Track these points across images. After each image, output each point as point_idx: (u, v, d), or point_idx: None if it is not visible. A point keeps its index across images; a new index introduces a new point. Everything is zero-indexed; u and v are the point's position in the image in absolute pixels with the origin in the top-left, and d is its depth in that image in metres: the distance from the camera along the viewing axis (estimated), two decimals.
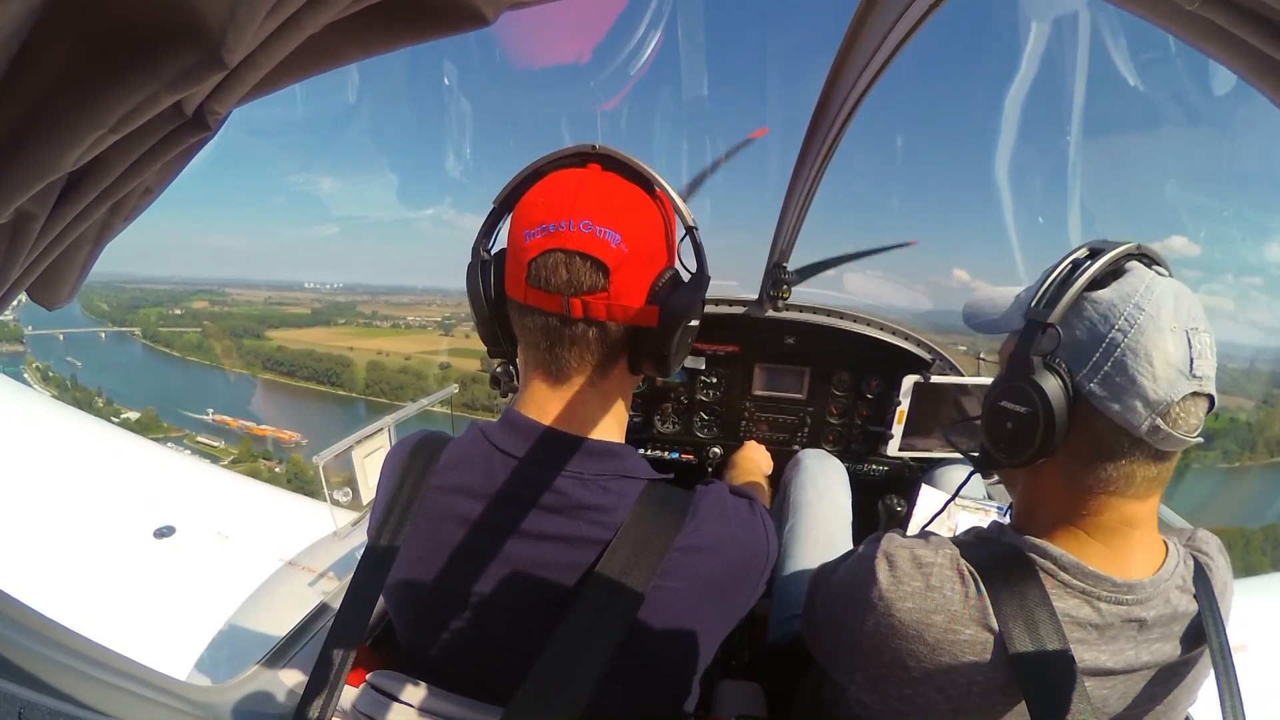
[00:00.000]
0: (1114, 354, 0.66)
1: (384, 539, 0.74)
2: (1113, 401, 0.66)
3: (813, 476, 1.65)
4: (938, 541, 0.76)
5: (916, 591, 0.71)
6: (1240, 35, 0.41)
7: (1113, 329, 0.67)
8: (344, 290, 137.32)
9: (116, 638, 0.70)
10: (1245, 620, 1.76)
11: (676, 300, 0.75)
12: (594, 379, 0.77)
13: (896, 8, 0.74)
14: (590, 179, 0.75)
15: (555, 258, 0.71)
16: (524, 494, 0.73)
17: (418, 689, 0.71)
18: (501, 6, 0.47)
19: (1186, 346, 0.65)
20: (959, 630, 0.69)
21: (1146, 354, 0.65)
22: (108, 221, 0.46)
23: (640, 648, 0.70)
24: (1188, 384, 0.64)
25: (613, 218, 0.72)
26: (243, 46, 0.36)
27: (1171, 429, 0.65)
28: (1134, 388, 0.65)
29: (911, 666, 0.71)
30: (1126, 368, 0.65)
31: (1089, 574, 0.68)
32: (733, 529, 0.77)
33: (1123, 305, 0.67)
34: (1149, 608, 0.68)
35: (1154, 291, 0.67)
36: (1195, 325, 0.66)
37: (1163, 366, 0.64)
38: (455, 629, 0.75)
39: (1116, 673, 0.69)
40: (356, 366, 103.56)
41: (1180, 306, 0.67)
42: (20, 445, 2.36)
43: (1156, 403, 0.64)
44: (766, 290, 1.91)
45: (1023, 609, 0.67)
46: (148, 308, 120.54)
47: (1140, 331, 0.66)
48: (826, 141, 1.19)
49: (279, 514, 2.21)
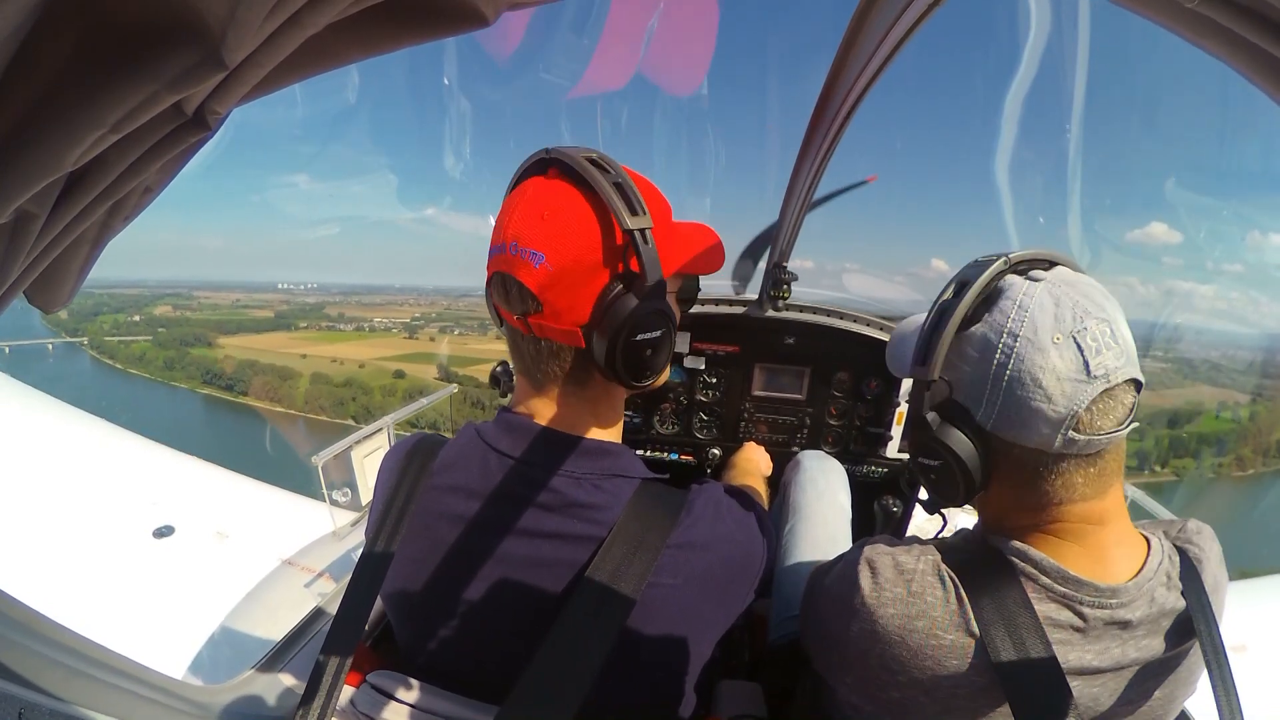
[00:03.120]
0: (1001, 388, 0.66)
1: (381, 540, 0.74)
2: (1014, 431, 0.66)
3: (812, 478, 1.65)
4: (920, 547, 0.76)
5: (899, 598, 0.71)
6: (1240, 33, 0.41)
7: (994, 364, 0.66)
8: (316, 291, 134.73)
9: (116, 638, 0.70)
10: (1245, 620, 1.76)
11: (615, 314, 0.70)
12: (573, 387, 0.78)
13: (896, 7, 0.74)
14: (536, 192, 0.72)
15: (497, 280, 0.74)
16: (519, 492, 0.74)
17: (416, 688, 0.71)
18: (501, 6, 0.47)
19: (1076, 352, 0.63)
20: (940, 636, 0.69)
21: (1034, 379, 0.64)
22: (107, 221, 0.46)
23: (636, 645, 0.70)
24: (1090, 387, 0.63)
25: (536, 236, 0.69)
26: (243, 46, 0.36)
27: (1089, 433, 0.64)
28: (1032, 414, 0.64)
29: (896, 671, 0.71)
30: (1017, 398, 0.65)
31: (1070, 579, 0.68)
32: (727, 526, 0.77)
33: (996, 337, 0.67)
34: (1133, 609, 0.68)
35: (1027, 310, 0.66)
36: (1082, 324, 0.64)
37: (1054, 384, 0.63)
38: (452, 627, 0.75)
39: (1105, 671, 0.69)
40: (301, 378, 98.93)
41: (1061, 311, 0.65)
42: (20, 444, 2.36)
43: (1060, 419, 0.63)
44: (766, 290, 1.91)
45: (1003, 613, 0.67)
46: (106, 314, 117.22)
47: (1020, 359, 0.65)
48: (826, 141, 1.19)
49: (279, 514, 2.21)
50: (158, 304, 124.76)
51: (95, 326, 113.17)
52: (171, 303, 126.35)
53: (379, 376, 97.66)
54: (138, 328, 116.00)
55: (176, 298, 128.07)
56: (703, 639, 0.77)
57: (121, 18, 0.33)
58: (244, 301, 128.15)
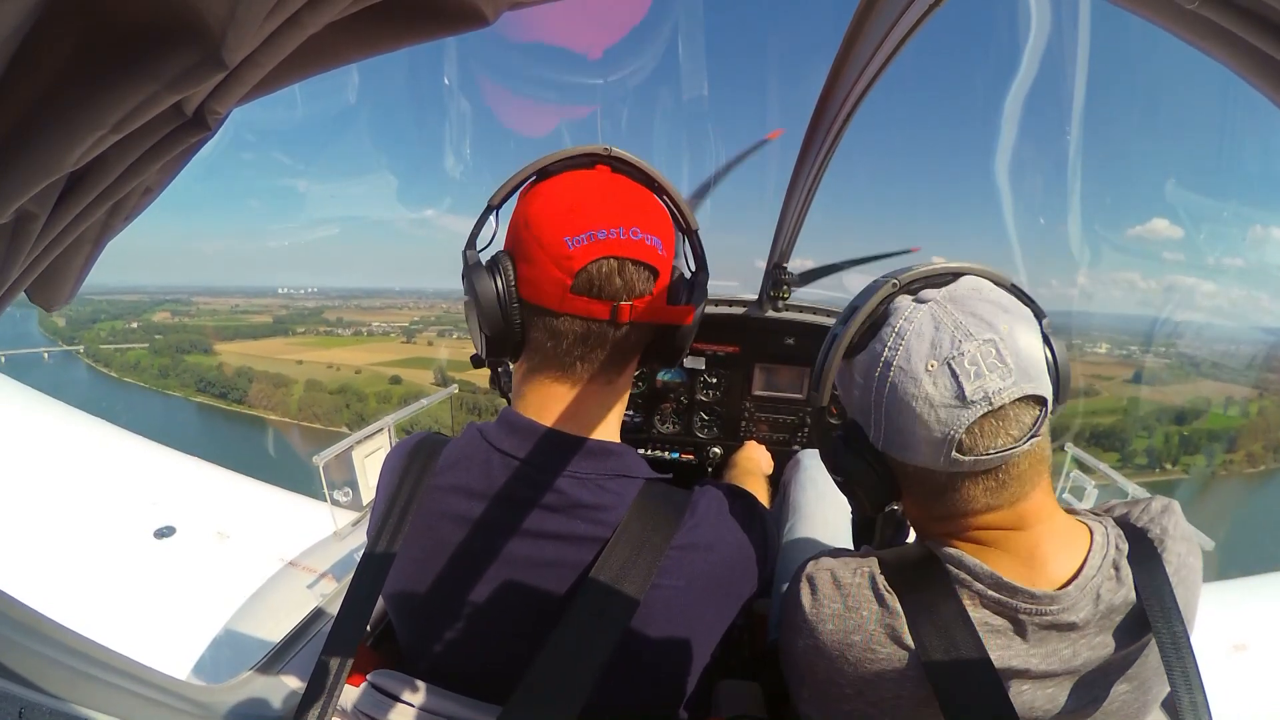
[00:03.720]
0: (883, 413, 0.68)
1: (383, 540, 0.74)
2: (901, 453, 0.68)
3: (812, 477, 1.65)
4: (859, 560, 0.75)
5: (836, 614, 0.71)
6: (1240, 35, 0.41)
7: (873, 392, 0.69)
8: (316, 295, 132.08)
9: (117, 638, 0.70)
10: (1245, 620, 1.76)
11: (696, 298, 0.79)
12: (610, 377, 0.78)
13: (896, 8, 0.74)
14: (613, 184, 0.76)
15: (608, 265, 0.71)
16: (522, 493, 0.73)
17: (418, 688, 0.71)
18: (501, 6, 0.47)
19: (950, 379, 0.63)
20: (876, 650, 0.69)
21: (908, 406, 0.65)
22: (108, 221, 0.46)
23: (639, 645, 0.70)
24: (967, 411, 0.63)
25: (653, 224, 0.75)
26: (243, 46, 0.36)
27: (974, 454, 0.64)
28: (913, 438, 0.66)
29: (843, 684, 0.71)
30: (897, 424, 0.67)
31: (1004, 585, 0.66)
32: (730, 526, 0.77)
33: (874, 366, 0.69)
34: (1075, 612, 0.65)
35: (905, 337, 0.67)
36: (958, 350, 0.64)
37: (928, 411, 0.64)
38: (455, 628, 0.75)
39: (1055, 674, 0.67)
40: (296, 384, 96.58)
41: (940, 336, 0.65)
42: (21, 445, 2.36)
43: (940, 441, 0.64)
44: (766, 290, 1.91)
45: (938, 624, 0.66)
46: (104, 321, 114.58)
47: (895, 388, 0.66)
48: (826, 142, 1.19)
49: (279, 514, 2.21)
50: (156, 310, 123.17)
51: (92, 334, 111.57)
52: (170, 309, 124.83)
53: (375, 382, 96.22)
54: (134, 335, 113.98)
55: (176, 304, 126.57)
56: (704, 639, 0.77)
57: (121, 18, 0.33)
58: (243, 307, 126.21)
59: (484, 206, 0.81)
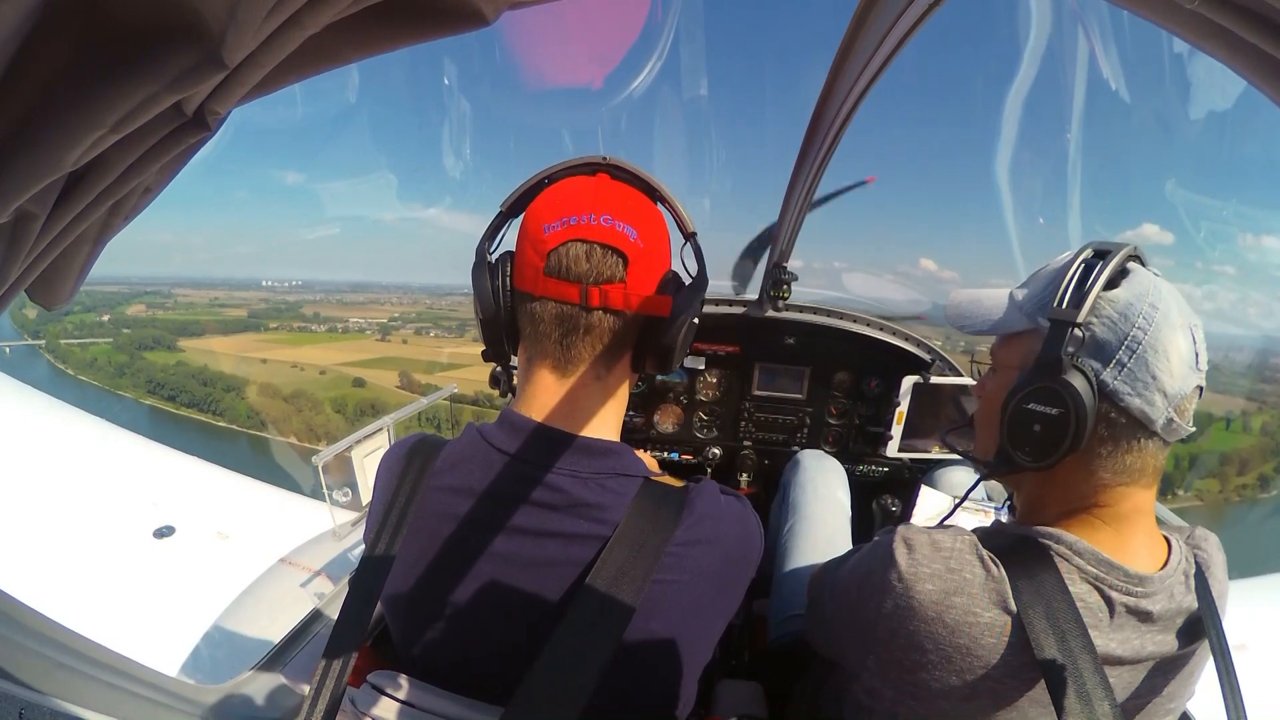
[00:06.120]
0: (1136, 351, 0.68)
1: (382, 541, 0.74)
2: (1135, 397, 0.68)
3: (811, 477, 1.65)
4: (955, 529, 0.77)
5: (937, 573, 0.72)
6: (1240, 34, 0.41)
7: (1134, 327, 0.69)
8: (300, 288, 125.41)
9: (117, 638, 0.70)
10: (1245, 620, 1.76)
11: (683, 296, 0.79)
12: (600, 370, 0.78)
13: (895, 8, 0.74)
14: (606, 186, 0.79)
15: (576, 248, 0.73)
16: (522, 492, 0.73)
17: (418, 689, 0.71)
18: (501, 6, 0.47)
19: (1193, 342, 0.68)
20: (979, 613, 0.69)
21: (1164, 350, 0.67)
22: (108, 221, 0.46)
23: (639, 643, 0.70)
24: (1195, 377, 0.68)
25: (629, 215, 0.76)
26: (243, 46, 0.36)
27: (1181, 420, 0.68)
28: (1155, 383, 0.67)
29: (929, 649, 0.71)
30: (1148, 364, 0.68)
31: (1103, 561, 0.70)
32: (729, 523, 0.78)
33: (1139, 304, 0.69)
34: (1155, 601, 0.69)
35: (1161, 290, 0.70)
36: (1195, 321, 0.69)
37: (1178, 362, 0.67)
38: (455, 628, 0.75)
39: (1125, 661, 0.70)
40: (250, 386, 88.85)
41: (1182, 305, 0.70)
42: (21, 444, 2.36)
43: (1173, 396, 0.67)
44: (766, 290, 1.91)
45: (1040, 594, 0.68)
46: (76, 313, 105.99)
47: (1158, 329, 0.68)
48: (826, 141, 1.19)
49: (279, 514, 2.21)
50: (132, 303, 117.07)
51: (57, 328, 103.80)
52: (147, 301, 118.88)
53: (337, 385, 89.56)
54: (103, 329, 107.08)
55: (155, 296, 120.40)
56: (703, 637, 0.77)
57: (121, 18, 0.33)
58: (222, 300, 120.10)
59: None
